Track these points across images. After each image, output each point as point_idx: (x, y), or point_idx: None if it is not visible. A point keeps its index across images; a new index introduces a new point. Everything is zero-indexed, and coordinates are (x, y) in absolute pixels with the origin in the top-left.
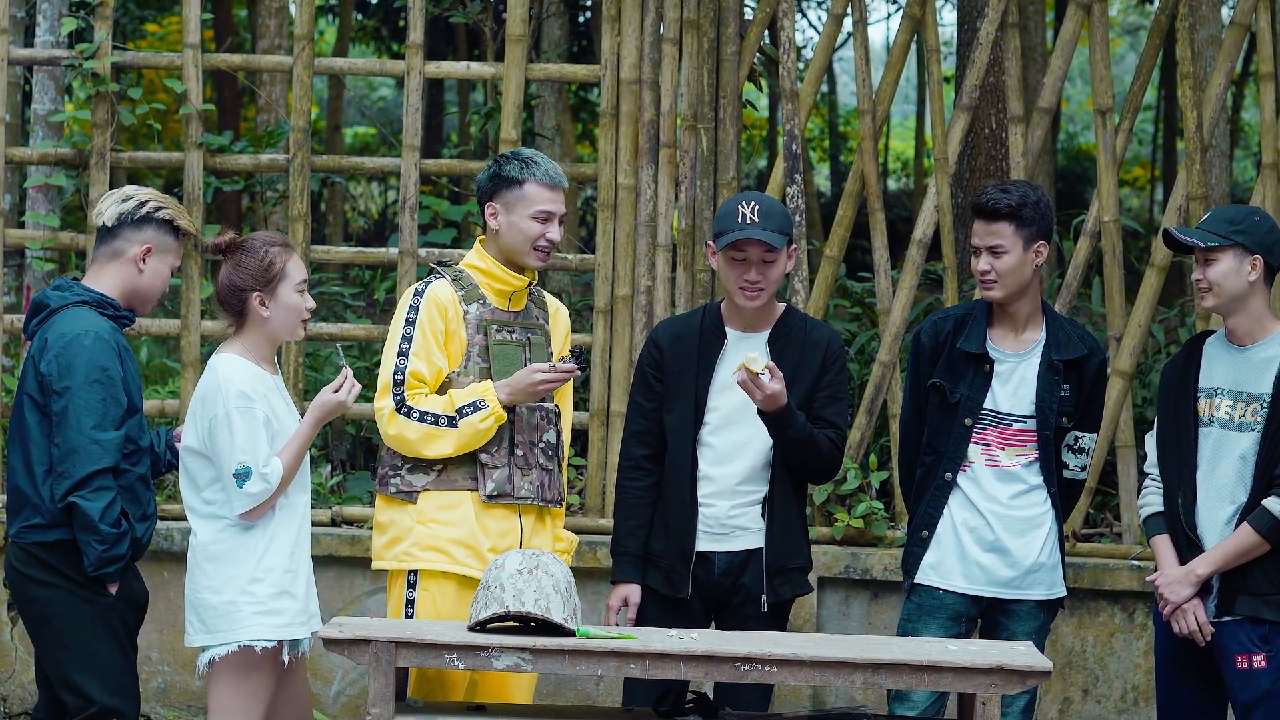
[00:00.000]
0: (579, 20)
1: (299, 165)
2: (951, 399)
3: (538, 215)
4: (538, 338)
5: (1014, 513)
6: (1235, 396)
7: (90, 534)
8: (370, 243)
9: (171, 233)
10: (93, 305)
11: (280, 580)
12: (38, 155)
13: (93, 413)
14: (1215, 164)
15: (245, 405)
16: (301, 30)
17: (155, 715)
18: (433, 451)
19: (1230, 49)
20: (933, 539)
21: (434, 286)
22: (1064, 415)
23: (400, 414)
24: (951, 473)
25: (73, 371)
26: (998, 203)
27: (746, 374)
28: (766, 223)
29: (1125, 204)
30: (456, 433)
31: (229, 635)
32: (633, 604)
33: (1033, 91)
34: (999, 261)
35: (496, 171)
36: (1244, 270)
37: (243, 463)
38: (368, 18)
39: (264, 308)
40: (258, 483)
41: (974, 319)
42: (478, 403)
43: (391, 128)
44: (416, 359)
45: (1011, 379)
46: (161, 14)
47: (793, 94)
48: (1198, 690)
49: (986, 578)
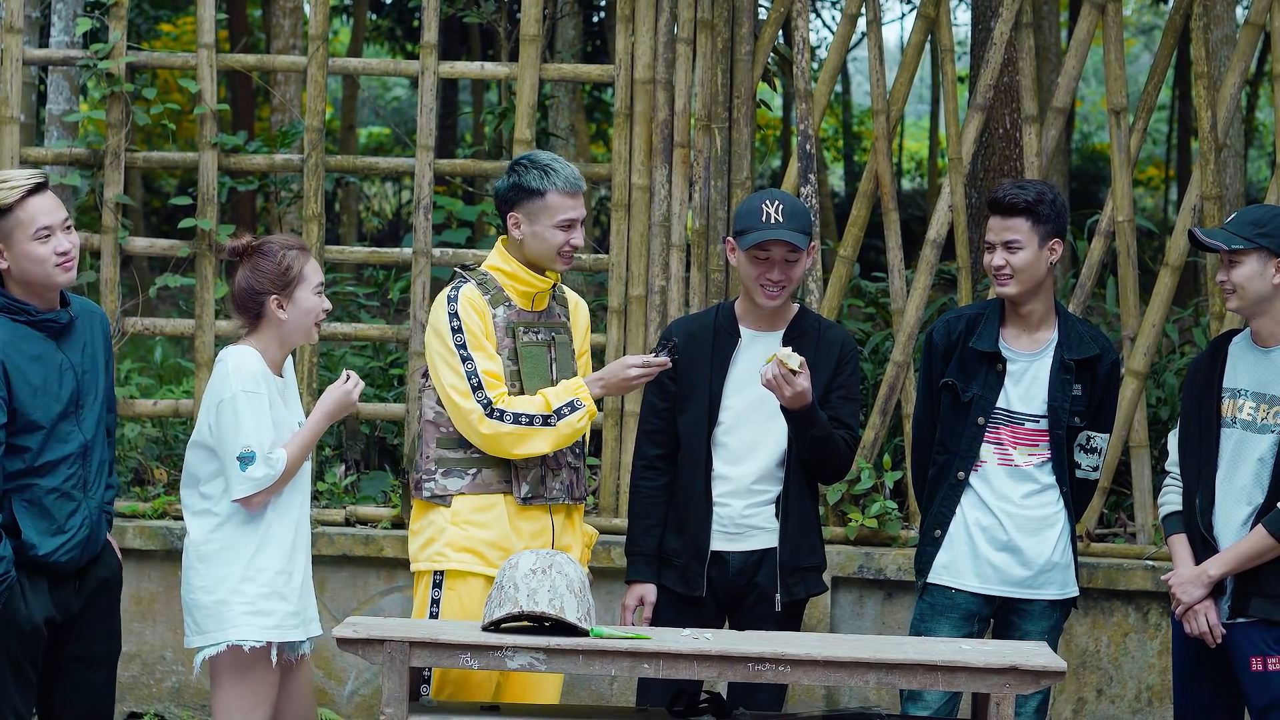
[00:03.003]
0: (593, 20)
1: (313, 165)
2: (964, 398)
3: (561, 224)
4: (562, 336)
5: (1026, 512)
6: (1259, 398)
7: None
8: (384, 243)
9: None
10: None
11: (272, 581)
12: (52, 155)
13: None
14: (1230, 164)
15: (253, 391)
16: (316, 30)
17: (170, 715)
18: (526, 451)
19: (1245, 49)
20: (945, 538)
21: (465, 290)
22: (1076, 415)
23: (492, 417)
24: (964, 472)
25: None
26: (1015, 198)
27: (779, 368)
28: (791, 222)
29: (1139, 204)
30: (554, 431)
31: (218, 635)
32: (648, 604)
33: (1047, 91)
34: (1014, 257)
35: (517, 182)
36: (1268, 273)
37: (248, 447)
38: (382, 18)
39: (281, 310)
40: (261, 467)
41: (987, 318)
42: (574, 402)
43: (406, 128)
44: (482, 359)
45: (1024, 378)
46: (176, 14)
47: (807, 94)
48: (1214, 692)
49: (999, 577)
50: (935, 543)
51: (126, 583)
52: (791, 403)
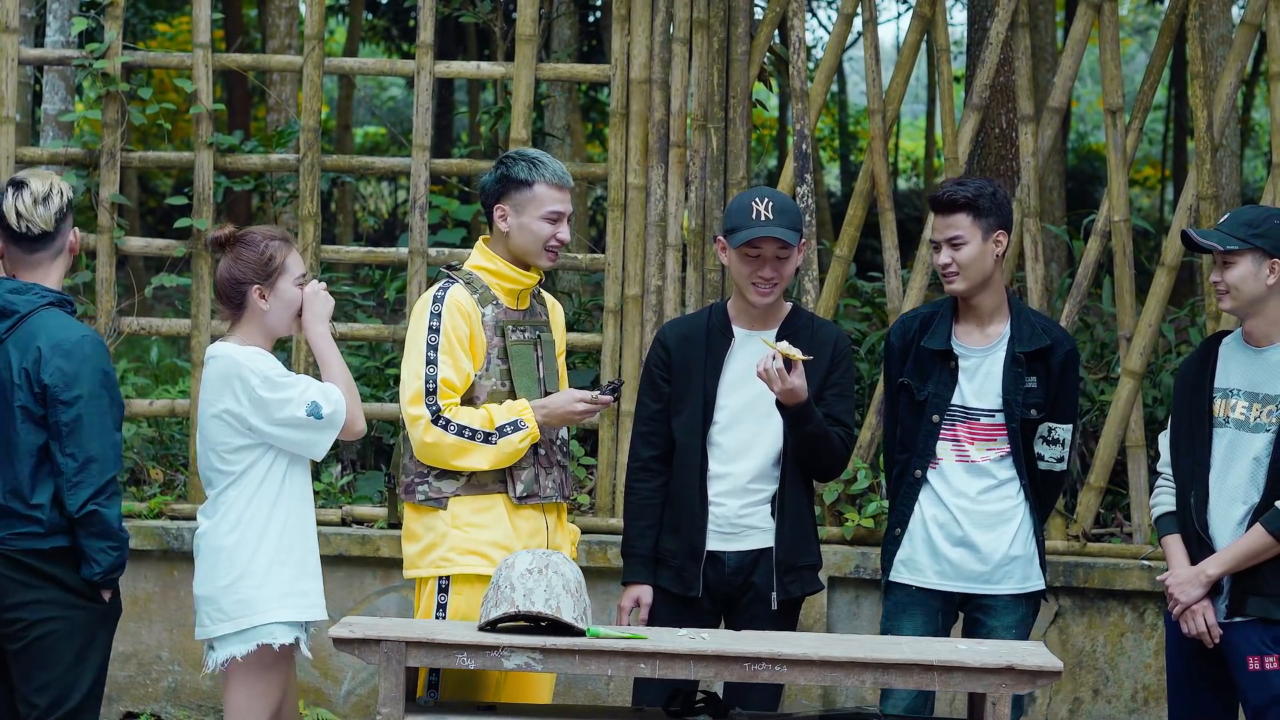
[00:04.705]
0: (589, 20)
1: (309, 165)
2: (919, 397)
3: (548, 216)
4: (546, 335)
5: (983, 507)
6: (1251, 398)
7: (107, 540)
8: (380, 242)
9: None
10: (58, 306)
11: (302, 562)
12: (48, 155)
13: (106, 418)
14: (1226, 163)
15: (273, 372)
16: (312, 30)
17: (165, 715)
18: (464, 464)
19: (1240, 48)
20: (905, 536)
21: (453, 291)
22: (1032, 407)
23: (437, 425)
24: (921, 470)
25: (80, 380)
26: (954, 194)
27: (778, 359)
28: (781, 219)
29: (1135, 204)
30: (494, 449)
31: (249, 619)
32: (645, 605)
33: (1043, 91)
34: (959, 253)
35: (504, 173)
36: (1262, 273)
37: (310, 401)
38: (378, 17)
39: (263, 300)
40: (327, 405)
41: (940, 317)
42: (518, 422)
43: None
44: (446, 366)
45: (978, 374)
46: (171, 14)
47: (803, 93)
48: (1210, 692)
49: (957, 573)
50: (895, 541)
51: (123, 583)
52: (785, 398)
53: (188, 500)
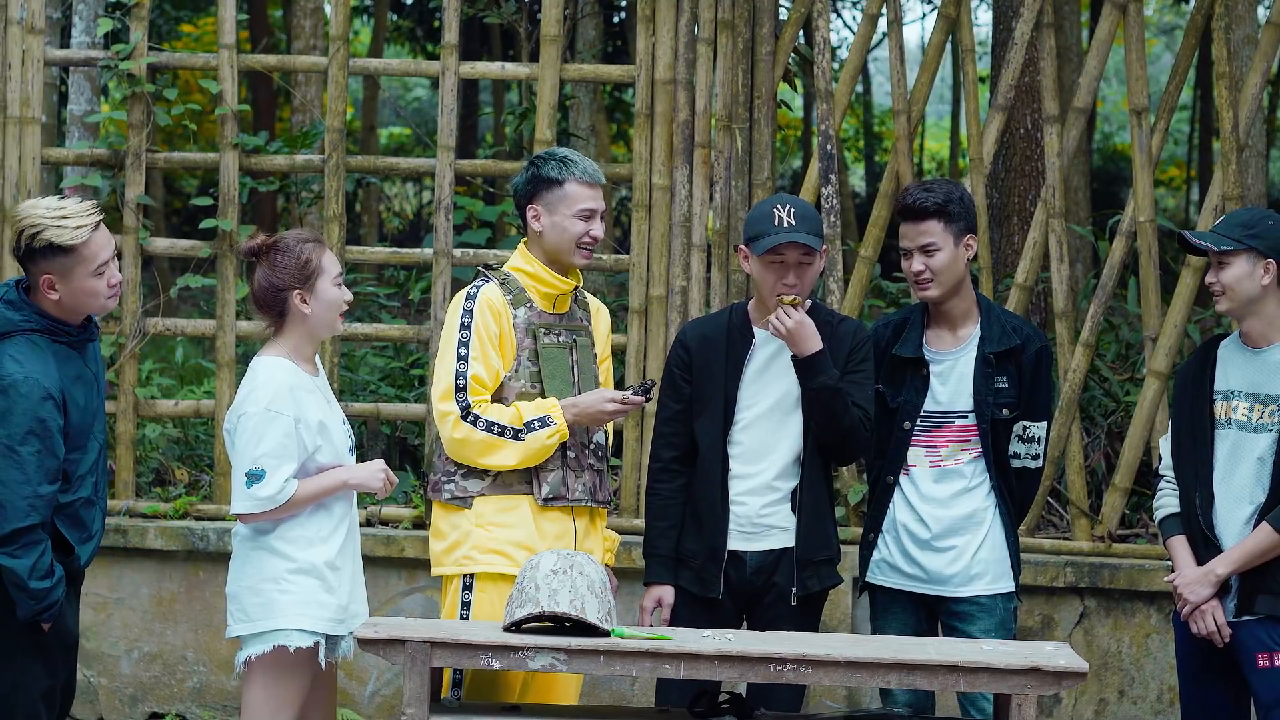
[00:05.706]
0: (614, 20)
1: (334, 166)
2: (892, 404)
3: (580, 213)
4: (583, 339)
5: (952, 511)
6: (1253, 399)
7: (20, 591)
8: (405, 243)
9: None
10: (44, 332)
11: (323, 575)
12: (74, 156)
13: (26, 469)
14: (1251, 164)
15: (277, 413)
16: (337, 31)
17: (191, 715)
18: (493, 462)
19: (1266, 49)
20: (879, 540)
21: (485, 290)
22: (1004, 407)
23: (466, 421)
24: (893, 475)
25: (8, 421)
26: (923, 201)
27: (783, 309)
28: (803, 225)
29: (1161, 204)
30: (523, 445)
31: (265, 623)
32: (666, 605)
33: (1068, 91)
34: (933, 260)
35: (535, 174)
36: (1257, 274)
37: (259, 464)
38: (403, 18)
39: (304, 305)
40: (267, 488)
41: (911, 323)
42: (546, 419)
43: (426, 128)
44: (476, 363)
45: (951, 377)
46: (197, 15)
47: (827, 94)
48: (1220, 690)
49: (928, 576)
50: (870, 545)
51: (148, 583)
52: (797, 346)
53: (213, 501)
